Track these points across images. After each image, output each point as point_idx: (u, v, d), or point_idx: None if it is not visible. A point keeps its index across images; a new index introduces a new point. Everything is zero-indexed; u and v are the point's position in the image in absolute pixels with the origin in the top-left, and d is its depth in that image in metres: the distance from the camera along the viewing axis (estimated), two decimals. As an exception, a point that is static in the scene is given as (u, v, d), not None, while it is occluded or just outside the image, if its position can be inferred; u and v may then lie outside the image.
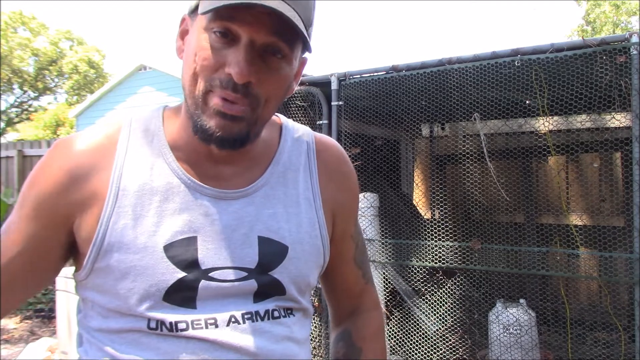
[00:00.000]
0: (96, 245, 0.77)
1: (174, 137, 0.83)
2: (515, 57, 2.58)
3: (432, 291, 3.17)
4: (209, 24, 0.73)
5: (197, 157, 0.82)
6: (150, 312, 0.76)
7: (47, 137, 18.83)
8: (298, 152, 0.91)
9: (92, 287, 0.80)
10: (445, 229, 3.00)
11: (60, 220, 0.78)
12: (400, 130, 3.88)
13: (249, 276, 0.80)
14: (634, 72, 2.30)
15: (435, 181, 4.07)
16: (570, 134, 3.33)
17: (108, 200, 0.77)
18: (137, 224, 0.77)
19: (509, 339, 2.97)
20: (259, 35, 0.72)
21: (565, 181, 3.97)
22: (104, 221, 0.77)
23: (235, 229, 0.81)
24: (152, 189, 0.79)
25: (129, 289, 0.76)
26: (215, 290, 0.78)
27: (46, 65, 24.15)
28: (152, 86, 13.66)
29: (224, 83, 0.73)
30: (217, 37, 0.73)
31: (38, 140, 7.94)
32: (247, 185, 0.84)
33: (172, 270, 0.76)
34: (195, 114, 0.76)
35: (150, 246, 0.77)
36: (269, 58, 0.74)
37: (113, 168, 0.79)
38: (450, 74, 2.78)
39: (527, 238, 3.96)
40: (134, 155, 0.81)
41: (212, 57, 0.73)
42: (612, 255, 2.60)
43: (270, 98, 0.77)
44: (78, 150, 0.80)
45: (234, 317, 0.79)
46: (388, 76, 2.97)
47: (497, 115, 3.17)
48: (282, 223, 0.85)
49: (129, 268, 0.76)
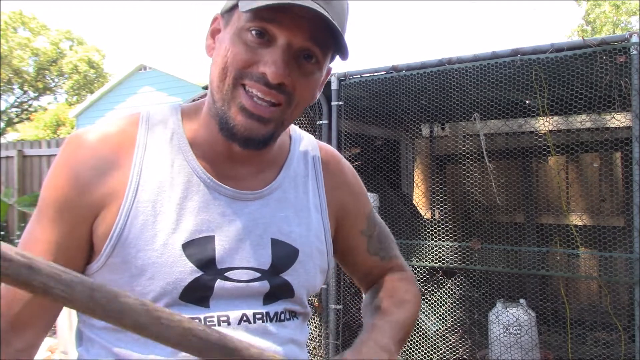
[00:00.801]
0: (113, 240, 0.75)
1: (193, 135, 0.83)
2: (515, 57, 2.58)
3: (432, 291, 3.17)
4: (246, 23, 0.73)
5: (215, 156, 0.82)
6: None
7: (47, 137, 18.82)
8: (305, 160, 0.93)
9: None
10: (445, 229, 3.00)
11: (84, 219, 0.77)
12: (400, 130, 3.88)
13: (262, 277, 0.81)
14: (634, 72, 2.30)
15: (435, 181, 4.07)
16: (570, 134, 3.33)
17: (127, 196, 0.76)
18: (157, 221, 0.77)
19: (509, 339, 2.97)
20: (297, 39, 0.72)
21: (565, 181, 3.97)
22: (122, 216, 0.76)
23: (251, 230, 0.81)
24: (172, 186, 0.79)
25: (145, 286, 0.75)
26: (229, 290, 0.79)
27: (46, 65, 24.15)
28: (152, 86, 13.67)
29: (255, 78, 0.73)
30: (253, 36, 0.73)
31: (38, 140, 7.94)
32: (262, 187, 0.85)
33: (189, 269, 0.76)
34: (222, 110, 0.76)
35: (170, 244, 0.76)
36: (303, 62, 0.75)
37: (132, 164, 0.78)
38: (450, 74, 2.78)
39: (527, 238, 3.96)
40: (153, 151, 0.80)
41: (246, 53, 0.73)
42: (612, 255, 2.60)
43: (300, 102, 0.78)
44: (95, 146, 0.78)
45: (245, 315, 0.79)
46: (388, 76, 2.97)
47: (497, 115, 3.17)
48: (294, 226, 0.86)
49: (147, 265, 0.75)
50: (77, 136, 0.80)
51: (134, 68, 14.15)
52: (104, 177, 0.76)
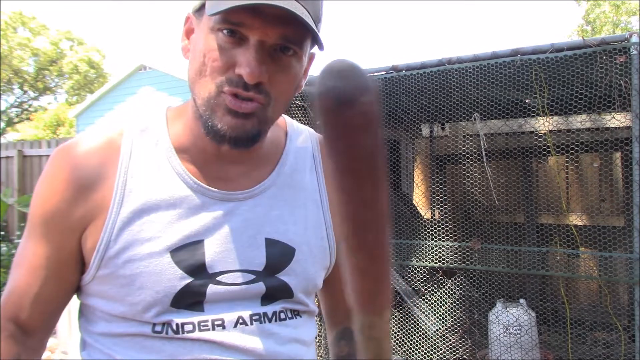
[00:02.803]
0: (100, 252, 0.75)
1: (179, 139, 0.81)
2: (515, 57, 2.58)
3: (432, 291, 3.17)
4: (215, 24, 0.71)
5: (203, 158, 0.80)
6: (157, 318, 0.75)
7: (47, 137, 18.82)
8: (304, 154, 0.91)
9: (94, 294, 0.79)
10: (445, 229, 3.00)
11: (72, 232, 0.77)
12: (400, 130, 3.88)
13: (256, 279, 0.79)
14: (634, 72, 2.30)
15: (435, 181, 4.07)
16: (570, 134, 3.32)
17: (112, 208, 0.75)
18: (143, 230, 0.75)
19: (509, 339, 2.97)
20: (268, 36, 0.70)
21: (565, 181, 3.97)
22: (107, 228, 0.75)
23: (243, 231, 0.80)
24: (157, 194, 0.77)
25: (135, 296, 0.75)
26: (223, 294, 0.77)
27: (46, 65, 24.14)
28: (152, 86, 13.66)
29: (234, 83, 0.71)
30: (225, 36, 0.71)
31: (38, 140, 7.94)
32: (254, 185, 0.83)
33: (179, 276, 0.75)
34: (206, 115, 0.74)
35: (157, 252, 0.75)
36: (280, 56, 0.73)
37: (117, 174, 0.77)
38: (450, 74, 2.78)
39: (527, 238, 3.96)
40: (138, 160, 0.78)
41: (221, 58, 0.71)
42: (612, 255, 2.60)
43: (281, 96, 0.76)
44: (81, 159, 0.77)
45: (241, 318, 0.78)
46: (388, 76, 2.97)
47: (497, 115, 3.17)
48: (289, 225, 0.84)
49: (135, 275, 0.74)
50: (63, 150, 0.79)
51: (134, 68, 14.14)
52: (90, 191, 0.76)
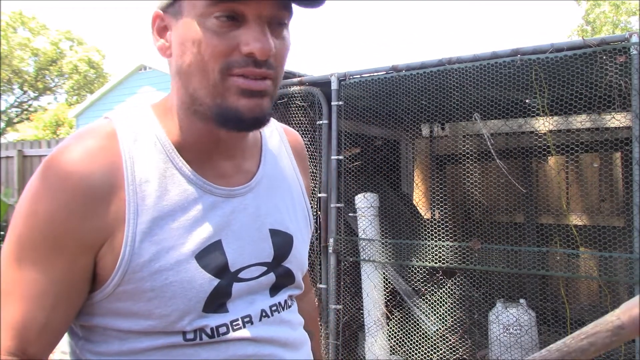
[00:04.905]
0: (122, 268, 0.70)
1: (176, 138, 0.78)
2: (515, 57, 2.57)
3: (432, 291, 3.17)
4: (207, 9, 0.69)
5: (202, 157, 0.79)
6: (189, 325, 0.73)
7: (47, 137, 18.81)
8: (277, 141, 0.93)
9: (106, 313, 0.74)
10: (445, 229, 3.00)
11: (88, 249, 0.70)
12: (400, 130, 3.87)
13: (268, 270, 0.82)
14: (634, 72, 2.30)
15: (435, 181, 4.07)
16: (570, 134, 3.32)
17: (129, 219, 0.71)
18: (165, 239, 0.72)
19: (509, 339, 2.97)
20: (265, 10, 0.70)
21: (565, 181, 3.97)
22: (128, 241, 0.70)
23: (251, 225, 0.81)
24: (170, 199, 0.74)
25: (167, 307, 0.72)
26: (243, 290, 0.79)
27: (46, 65, 24.13)
28: (152, 86, 13.66)
29: (242, 63, 0.70)
30: (220, 22, 0.69)
31: (38, 140, 7.94)
32: (249, 179, 0.84)
33: (208, 280, 0.74)
34: (216, 104, 0.72)
35: (184, 259, 0.73)
36: (275, 29, 0.72)
37: (126, 183, 0.72)
38: (450, 74, 2.78)
39: (527, 238, 3.96)
40: (142, 164, 0.74)
41: (221, 41, 0.69)
42: (612, 255, 2.60)
43: (281, 69, 0.75)
44: (84, 168, 0.70)
45: (264, 311, 0.80)
46: (388, 76, 2.96)
47: (497, 115, 3.17)
48: (284, 213, 0.86)
49: (165, 285, 0.71)
50: (56, 159, 0.70)
51: (134, 68, 14.15)
52: (101, 202, 0.70)
